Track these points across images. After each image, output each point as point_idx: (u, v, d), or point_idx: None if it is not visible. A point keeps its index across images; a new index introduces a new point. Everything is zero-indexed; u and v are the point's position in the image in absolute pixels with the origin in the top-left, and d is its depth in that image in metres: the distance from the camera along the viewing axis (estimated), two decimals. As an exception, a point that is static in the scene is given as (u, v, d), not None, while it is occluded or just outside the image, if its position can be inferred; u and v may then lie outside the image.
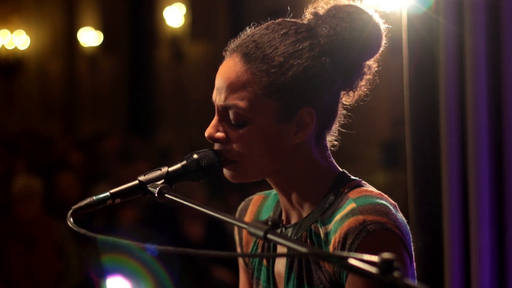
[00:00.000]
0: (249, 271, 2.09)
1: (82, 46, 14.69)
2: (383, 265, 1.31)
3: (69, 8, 15.34)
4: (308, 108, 1.84)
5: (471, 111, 2.30)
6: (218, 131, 1.87)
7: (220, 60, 1.91)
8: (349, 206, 1.82)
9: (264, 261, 1.99)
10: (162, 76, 13.17)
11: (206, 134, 1.88)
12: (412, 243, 1.85)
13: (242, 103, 1.83)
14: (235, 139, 1.85)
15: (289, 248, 1.65)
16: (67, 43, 15.28)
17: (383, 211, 1.79)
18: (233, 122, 1.85)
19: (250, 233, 1.55)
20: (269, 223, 1.53)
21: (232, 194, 7.27)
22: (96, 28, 14.45)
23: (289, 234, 1.90)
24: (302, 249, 1.50)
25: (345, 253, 1.71)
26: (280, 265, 1.94)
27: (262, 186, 2.03)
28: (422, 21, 2.34)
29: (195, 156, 1.88)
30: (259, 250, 2.01)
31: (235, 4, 11.48)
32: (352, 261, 1.37)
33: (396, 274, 1.30)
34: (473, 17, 2.28)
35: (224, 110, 1.86)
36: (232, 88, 1.84)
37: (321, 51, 1.84)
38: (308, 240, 1.87)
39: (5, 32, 15.33)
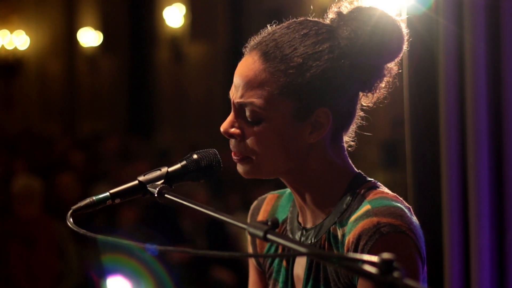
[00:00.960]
0: (263, 270, 2.08)
1: (81, 46, 14.70)
2: (383, 266, 1.31)
3: (69, 8, 15.34)
4: (325, 108, 1.83)
5: (470, 111, 2.30)
6: (233, 127, 1.87)
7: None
8: (364, 207, 1.81)
9: (284, 263, 1.98)
10: (162, 76, 13.18)
11: (221, 129, 1.88)
12: (425, 247, 1.84)
13: (258, 102, 1.82)
14: (250, 136, 1.85)
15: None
16: (67, 43, 15.28)
17: (398, 213, 1.78)
18: (249, 119, 1.84)
19: (249, 233, 1.55)
20: (269, 223, 1.53)
21: (232, 194, 7.27)
22: (96, 28, 14.45)
23: (310, 237, 1.90)
24: (302, 249, 1.50)
25: (344, 254, 1.71)
26: (300, 267, 1.93)
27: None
28: (421, 21, 2.34)
29: (195, 156, 1.88)
30: (280, 251, 2.00)
31: (234, 5, 11.49)
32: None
33: (396, 274, 1.30)
34: (473, 17, 2.28)
35: (240, 107, 1.86)
36: (249, 86, 1.84)
37: (340, 54, 1.83)
38: (326, 242, 1.86)
39: (5, 32, 15.33)
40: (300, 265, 1.93)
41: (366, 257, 1.35)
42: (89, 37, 14.48)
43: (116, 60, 14.22)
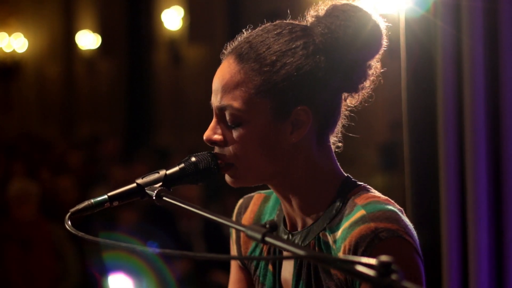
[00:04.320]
0: (249, 271, 2.07)
1: (80, 49, 14.69)
2: (381, 268, 1.31)
3: (67, 11, 15.34)
4: (303, 106, 1.82)
5: (468, 113, 2.30)
6: (215, 133, 1.87)
7: (218, 63, 1.91)
8: (358, 213, 1.79)
9: (270, 267, 1.97)
10: (160, 79, 13.18)
11: (204, 137, 1.88)
12: (423, 249, 1.83)
13: (236, 103, 1.82)
14: (232, 140, 1.84)
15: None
16: (65, 46, 15.27)
17: (394, 217, 1.77)
18: (229, 123, 1.84)
19: (248, 237, 1.54)
20: (267, 226, 1.52)
21: (230, 196, 7.27)
22: (94, 31, 14.45)
23: (297, 241, 1.88)
24: (301, 252, 1.50)
25: (343, 256, 1.71)
26: (287, 272, 1.92)
27: (263, 189, 2.03)
28: (420, 24, 2.34)
29: (193, 159, 1.87)
30: (265, 254, 1.99)
31: (233, 7, 11.49)
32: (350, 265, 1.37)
33: (394, 276, 1.30)
34: (471, 20, 2.29)
35: (220, 111, 1.86)
36: (227, 88, 1.83)
37: (315, 50, 1.82)
38: (316, 248, 1.84)
39: (3, 35, 15.32)
40: (287, 271, 1.92)
41: (364, 259, 1.35)
42: (88, 40, 14.47)
43: (114, 62, 14.22)
